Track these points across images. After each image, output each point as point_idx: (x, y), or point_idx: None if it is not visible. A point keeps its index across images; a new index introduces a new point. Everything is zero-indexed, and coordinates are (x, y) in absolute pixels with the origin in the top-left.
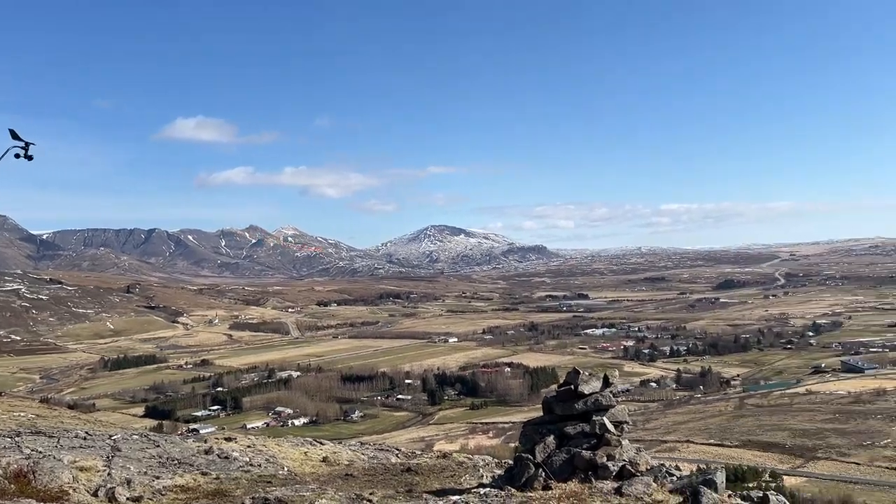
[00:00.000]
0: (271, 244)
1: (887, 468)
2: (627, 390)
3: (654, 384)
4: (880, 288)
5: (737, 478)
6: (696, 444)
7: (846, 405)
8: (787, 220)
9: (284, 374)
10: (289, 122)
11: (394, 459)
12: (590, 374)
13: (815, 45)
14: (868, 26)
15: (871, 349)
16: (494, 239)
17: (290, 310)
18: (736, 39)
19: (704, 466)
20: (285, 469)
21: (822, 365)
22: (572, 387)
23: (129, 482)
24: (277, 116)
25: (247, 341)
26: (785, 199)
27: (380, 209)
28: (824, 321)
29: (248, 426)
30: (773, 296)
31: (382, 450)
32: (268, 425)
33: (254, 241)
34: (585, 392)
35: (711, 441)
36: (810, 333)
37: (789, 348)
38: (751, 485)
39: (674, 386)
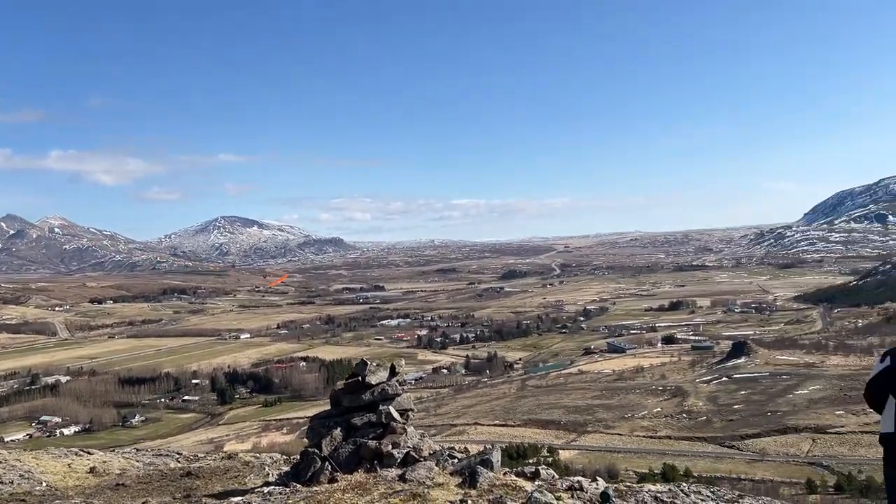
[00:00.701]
0: (34, 236)
1: (644, 437)
2: (420, 378)
3: (445, 371)
4: (639, 276)
5: (519, 455)
6: (484, 425)
7: (611, 382)
8: (562, 216)
9: (51, 380)
10: (55, 99)
11: (173, 464)
12: (377, 365)
13: (580, 51)
14: (618, 32)
15: (632, 331)
16: (290, 231)
17: (57, 308)
18: (508, 46)
19: (490, 447)
20: (44, 484)
21: (592, 347)
22: (360, 378)
23: None
24: (41, 93)
25: (4, 344)
26: (560, 197)
27: (163, 198)
28: (593, 307)
29: (7, 439)
30: (550, 284)
31: (161, 455)
32: (31, 437)
33: (12, 231)
34: (373, 382)
35: (497, 422)
36: (582, 318)
37: (564, 332)
38: (531, 460)
39: (463, 371)
